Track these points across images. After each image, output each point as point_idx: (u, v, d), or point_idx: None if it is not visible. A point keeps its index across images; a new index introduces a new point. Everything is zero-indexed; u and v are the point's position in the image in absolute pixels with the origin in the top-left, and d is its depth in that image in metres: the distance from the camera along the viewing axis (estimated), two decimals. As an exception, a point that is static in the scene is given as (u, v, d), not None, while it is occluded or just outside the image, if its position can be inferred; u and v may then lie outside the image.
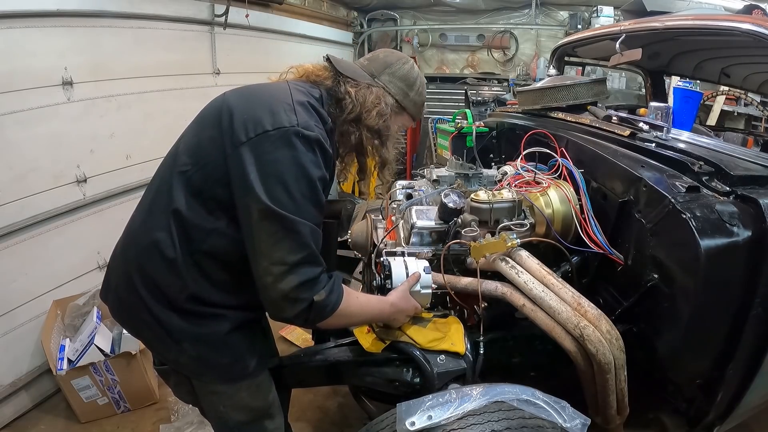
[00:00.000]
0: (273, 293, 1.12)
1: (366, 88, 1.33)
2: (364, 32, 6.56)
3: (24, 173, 2.43)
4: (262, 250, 1.11)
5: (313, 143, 1.15)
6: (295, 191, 1.11)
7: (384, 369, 1.49)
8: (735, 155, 1.67)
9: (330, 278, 1.19)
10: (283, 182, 1.10)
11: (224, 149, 1.16)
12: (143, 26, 3.03)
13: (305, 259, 1.12)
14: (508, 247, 1.50)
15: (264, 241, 1.11)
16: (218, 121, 1.21)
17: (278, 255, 1.10)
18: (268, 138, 1.13)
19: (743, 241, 1.27)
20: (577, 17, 5.70)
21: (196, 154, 1.21)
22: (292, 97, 1.21)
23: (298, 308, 1.13)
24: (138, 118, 3.00)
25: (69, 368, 2.35)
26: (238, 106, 1.21)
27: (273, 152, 1.12)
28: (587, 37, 2.78)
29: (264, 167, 1.11)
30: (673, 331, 1.36)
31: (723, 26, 1.84)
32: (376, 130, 1.34)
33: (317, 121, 1.21)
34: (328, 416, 2.43)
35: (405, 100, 1.41)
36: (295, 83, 1.31)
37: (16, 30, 2.34)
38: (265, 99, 1.21)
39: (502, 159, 2.39)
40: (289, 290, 1.11)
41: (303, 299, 1.13)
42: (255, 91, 1.28)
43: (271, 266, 1.11)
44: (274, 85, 1.30)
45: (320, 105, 1.28)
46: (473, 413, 1.08)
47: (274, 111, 1.16)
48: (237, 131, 1.16)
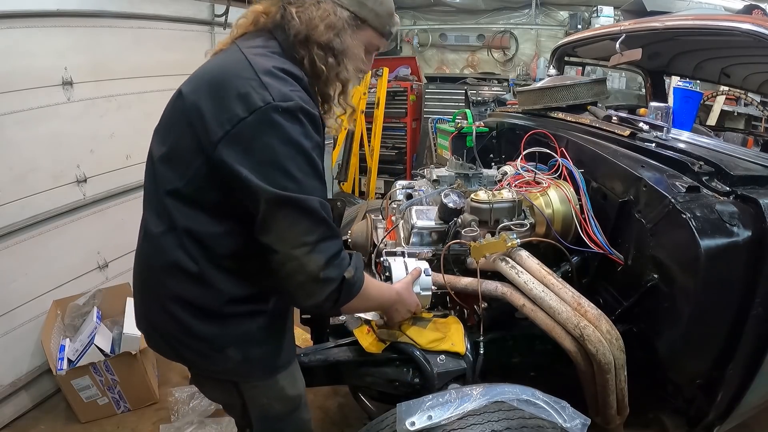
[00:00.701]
0: (301, 277, 1.08)
1: (312, 5, 1.16)
2: (364, 32, 6.56)
3: (24, 173, 2.43)
4: (281, 237, 1.06)
5: (297, 113, 1.06)
6: (294, 171, 1.05)
7: (384, 369, 1.49)
8: (735, 155, 1.67)
9: (350, 255, 1.17)
10: (279, 166, 1.04)
11: (205, 153, 1.08)
12: (143, 26, 3.03)
13: (325, 234, 1.08)
14: (508, 247, 1.50)
15: (279, 229, 1.06)
16: (188, 124, 1.11)
17: (297, 238, 1.06)
18: (247, 125, 1.04)
19: (743, 241, 1.27)
20: (577, 17, 5.71)
21: (177, 169, 1.14)
22: (254, 68, 1.08)
23: (330, 288, 1.09)
24: (138, 118, 2.99)
25: (69, 368, 2.35)
26: (203, 100, 1.09)
27: (258, 139, 1.04)
28: (587, 37, 2.78)
29: (254, 158, 1.04)
30: (673, 331, 1.36)
31: (723, 26, 1.84)
32: (327, 47, 1.16)
33: (291, 84, 1.09)
34: (328, 416, 2.43)
35: (362, 10, 1.20)
36: (249, 45, 1.17)
37: (16, 30, 2.34)
38: (228, 82, 1.08)
39: (502, 159, 2.39)
40: (317, 270, 1.07)
41: (333, 279, 1.09)
42: (212, 75, 1.14)
43: (293, 251, 1.06)
44: (230, 60, 1.15)
45: (284, 57, 1.15)
46: (473, 413, 1.08)
47: (243, 93, 1.05)
48: (211, 130, 1.06)
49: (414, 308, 1.46)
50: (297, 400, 1.37)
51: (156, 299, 1.21)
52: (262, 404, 1.32)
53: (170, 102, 1.21)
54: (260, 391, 1.31)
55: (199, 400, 2.45)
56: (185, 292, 1.16)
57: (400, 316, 1.45)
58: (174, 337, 1.22)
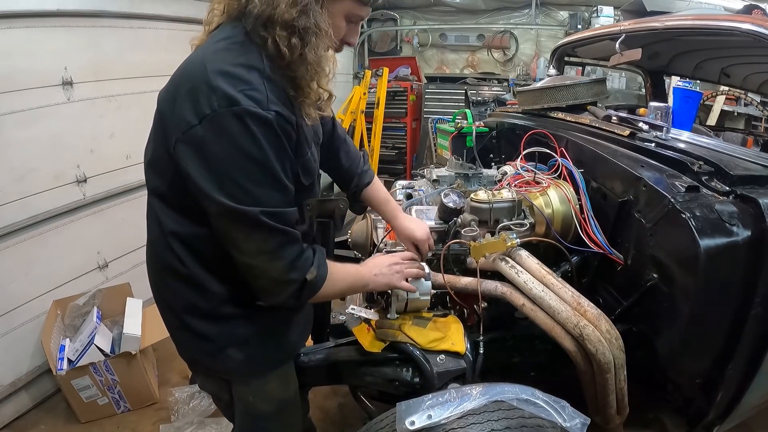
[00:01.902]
0: (263, 281, 1.10)
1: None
2: (363, 32, 6.57)
3: (24, 173, 2.43)
4: (238, 247, 1.07)
5: (244, 117, 0.98)
6: (245, 182, 1.01)
7: (384, 369, 1.49)
8: (735, 155, 1.67)
9: (314, 252, 1.16)
10: (229, 175, 1.00)
11: (169, 156, 1.06)
12: (143, 26, 3.03)
13: (282, 242, 1.08)
14: (507, 247, 1.50)
15: (235, 238, 1.06)
16: (159, 128, 1.11)
17: (254, 247, 1.06)
18: (197, 132, 0.99)
19: (743, 240, 1.27)
20: (577, 17, 5.71)
21: (160, 174, 1.14)
22: (207, 68, 1.00)
23: (291, 289, 1.11)
24: (138, 118, 2.98)
25: (69, 368, 2.35)
26: (165, 105, 1.08)
27: (207, 146, 1.00)
28: (587, 37, 2.78)
29: (205, 164, 1.01)
30: (672, 330, 1.37)
31: (723, 26, 1.84)
32: (289, 25, 1.02)
33: (243, 83, 1.00)
34: (328, 416, 2.43)
35: None
36: (217, 38, 1.08)
37: (16, 30, 2.34)
38: (182, 86, 1.04)
39: (502, 159, 2.39)
40: (278, 274, 1.08)
41: (294, 280, 1.10)
42: (174, 78, 1.10)
43: (252, 260, 1.08)
44: (189, 61, 1.10)
45: (248, 46, 1.05)
46: (473, 413, 1.08)
47: (194, 98, 1.00)
48: (169, 134, 1.05)
49: (395, 281, 1.40)
50: (285, 402, 1.36)
51: (161, 301, 1.26)
52: (247, 401, 1.33)
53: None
54: (248, 388, 1.31)
55: (199, 400, 2.45)
56: (183, 294, 1.19)
57: (382, 290, 1.46)
58: (182, 338, 1.25)
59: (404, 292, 1.45)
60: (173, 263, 1.16)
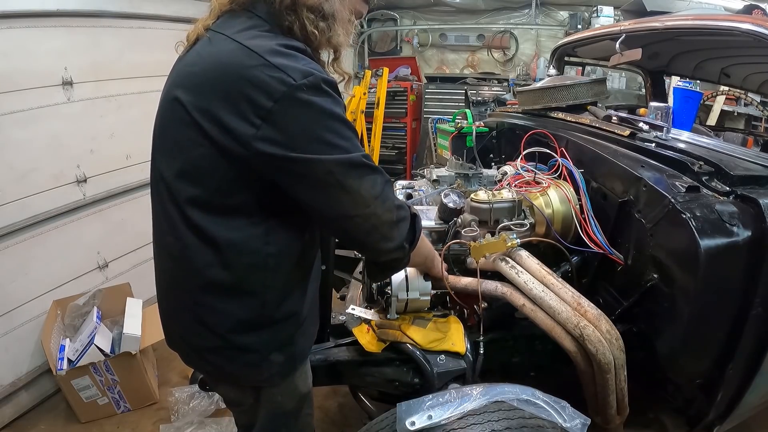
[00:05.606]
0: (380, 230, 1.10)
1: None
2: (363, 32, 6.57)
3: (24, 173, 2.43)
4: (354, 200, 1.05)
5: (321, 85, 1.00)
6: (339, 139, 1.02)
7: (384, 369, 1.50)
8: (735, 155, 1.67)
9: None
10: (325, 140, 1.00)
11: (232, 155, 1.00)
12: (143, 26, 3.03)
13: (384, 181, 1.09)
14: (508, 247, 1.50)
15: (351, 192, 1.04)
16: (201, 133, 1.01)
17: (368, 193, 1.05)
18: (277, 114, 0.96)
19: (743, 241, 1.27)
20: (577, 17, 5.71)
21: (190, 179, 1.06)
22: (257, 52, 0.98)
23: (404, 228, 1.15)
24: (138, 118, 2.99)
25: (69, 368, 2.35)
26: (213, 103, 1.00)
27: (294, 123, 0.98)
28: (587, 37, 2.78)
29: (298, 141, 0.99)
30: (673, 330, 1.37)
31: (723, 26, 1.84)
32: (317, 9, 1.07)
33: (301, 58, 1.01)
34: (328, 416, 2.43)
35: None
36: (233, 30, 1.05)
37: (16, 30, 2.34)
38: (235, 76, 0.98)
39: (502, 159, 2.39)
40: (392, 216, 1.11)
41: (405, 217, 1.15)
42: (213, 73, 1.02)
43: (367, 208, 1.06)
44: (224, 52, 1.02)
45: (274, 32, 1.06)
46: (473, 413, 1.08)
47: (259, 82, 0.96)
48: (237, 130, 0.98)
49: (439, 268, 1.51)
50: (305, 397, 1.35)
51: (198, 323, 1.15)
52: (276, 402, 1.29)
53: (165, 111, 1.11)
54: (278, 390, 1.28)
55: (199, 400, 2.45)
56: (227, 309, 1.12)
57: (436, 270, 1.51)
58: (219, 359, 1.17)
59: (404, 292, 1.45)
60: (217, 276, 1.09)
